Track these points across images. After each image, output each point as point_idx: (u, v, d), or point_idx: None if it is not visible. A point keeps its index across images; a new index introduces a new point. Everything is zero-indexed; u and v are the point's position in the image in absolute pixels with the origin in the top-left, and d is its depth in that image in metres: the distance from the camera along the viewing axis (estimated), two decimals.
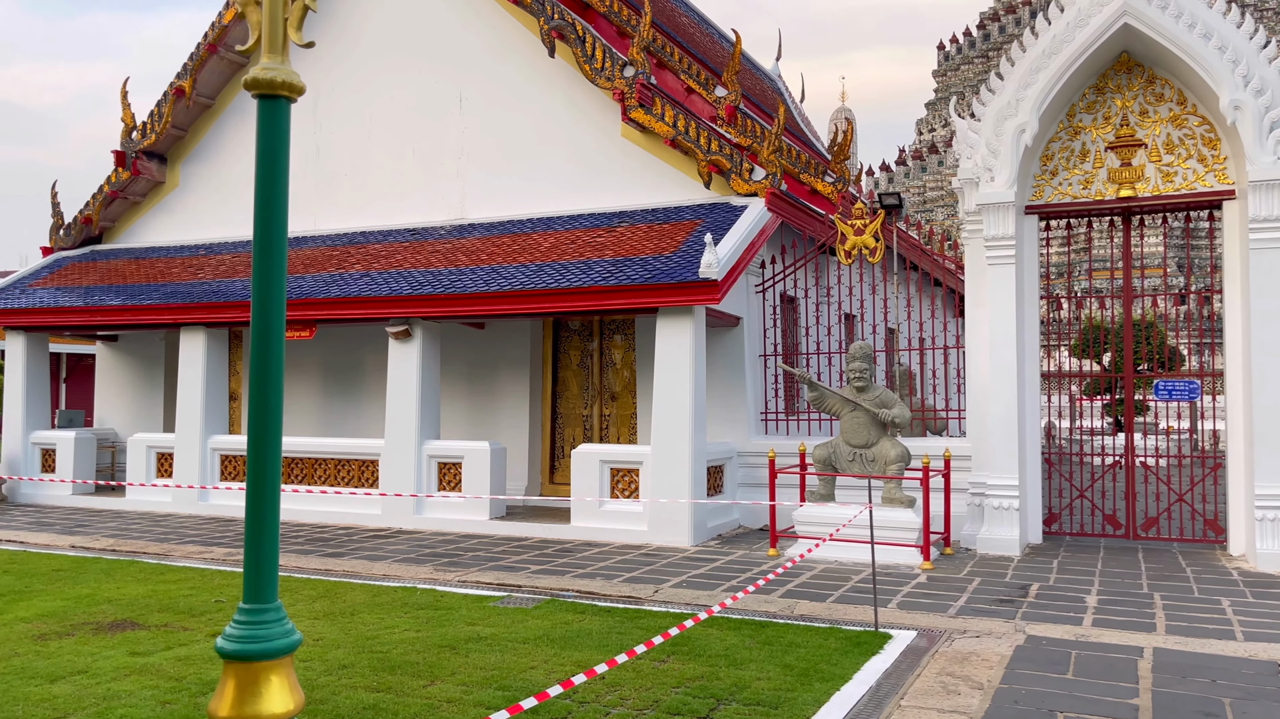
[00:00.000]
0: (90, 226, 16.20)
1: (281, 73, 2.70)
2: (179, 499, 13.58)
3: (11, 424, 14.96)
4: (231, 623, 2.61)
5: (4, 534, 11.57)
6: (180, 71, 15.11)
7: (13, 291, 15.21)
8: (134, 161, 15.50)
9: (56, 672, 5.88)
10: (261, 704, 2.48)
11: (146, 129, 15.47)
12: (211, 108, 15.61)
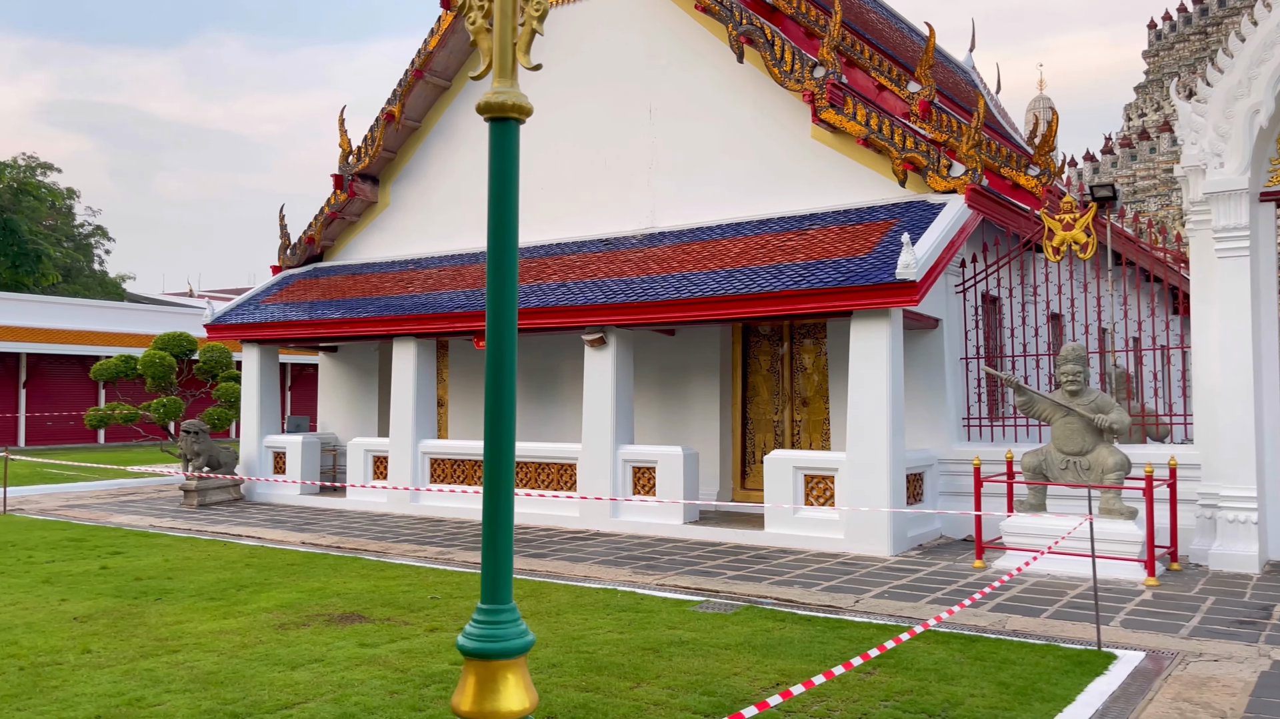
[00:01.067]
0: (313, 246, 17.50)
1: (511, 96, 2.83)
2: (393, 500, 14.44)
3: (248, 429, 16.36)
4: (471, 622, 2.75)
5: (244, 530, 12.65)
6: (390, 97, 16.11)
7: (248, 308, 16.64)
8: (350, 184, 16.64)
9: (296, 659, 6.37)
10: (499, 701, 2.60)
11: (361, 153, 16.58)
12: (418, 130, 16.54)
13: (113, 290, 47.54)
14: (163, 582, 9.13)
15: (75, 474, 20.39)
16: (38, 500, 16.42)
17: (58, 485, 18.34)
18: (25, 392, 29.45)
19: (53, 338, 29.26)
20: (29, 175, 41.67)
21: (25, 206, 40.16)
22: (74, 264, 45.46)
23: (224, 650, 6.59)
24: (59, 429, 30.06)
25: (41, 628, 7.28)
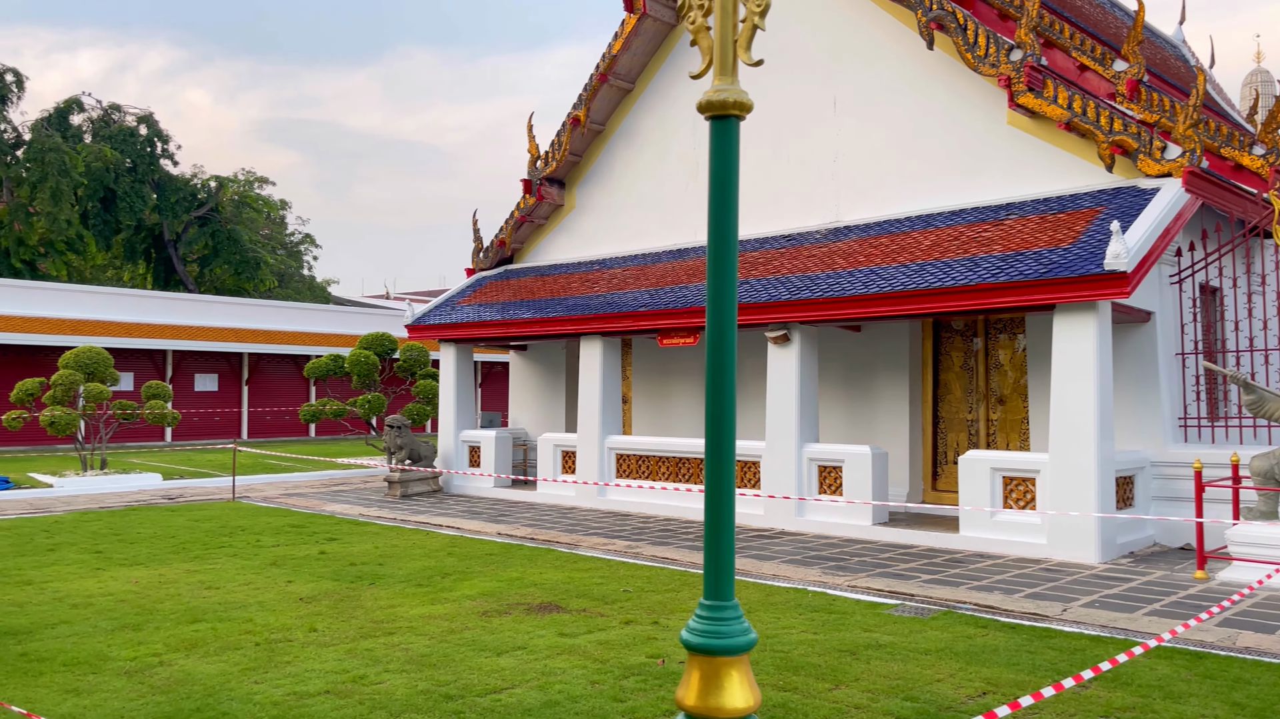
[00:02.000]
0: (504, 249, 18.19)
1: (732, 93, 2.84)
2: (581, 494, 14.82)
3: (445, 424, 17.18)
4: (694, 617, 2.79)
5: (444, 520, 13.30)
6: (576, 102, 16.53)
7: (445, 309, 17.47)
8: (538, 188, 17.19)
9: (501, 646, 6.64)
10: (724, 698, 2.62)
11: (548, 158, 17.09)
12: (602, 133, 16.90)
13: (320, 294, 51.01)
14: (375, 567, 9.71)
15: (291, 465, 22.01)
16: (261, 489, 17.82)
17: (277, 475, 19.84)
18: (247, 388, 32.03)
19: (270, 338, 31.68)
20: (248, 189, 45.30)
21: (245, 218, 43.67)
22: (287, 270, 49.06)
23: (434, 634, 6.95)
24: (276, 423, 32.52)
25: (272, 607, 7.90)
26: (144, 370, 29.15)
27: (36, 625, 7.27)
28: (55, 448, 26.16)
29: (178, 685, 5.76)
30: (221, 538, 11.71)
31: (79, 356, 18.36)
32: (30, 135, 34.70)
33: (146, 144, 38.53)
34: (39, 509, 14.76)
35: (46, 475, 18.45)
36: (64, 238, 35.84)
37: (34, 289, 28.40)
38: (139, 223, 39.06)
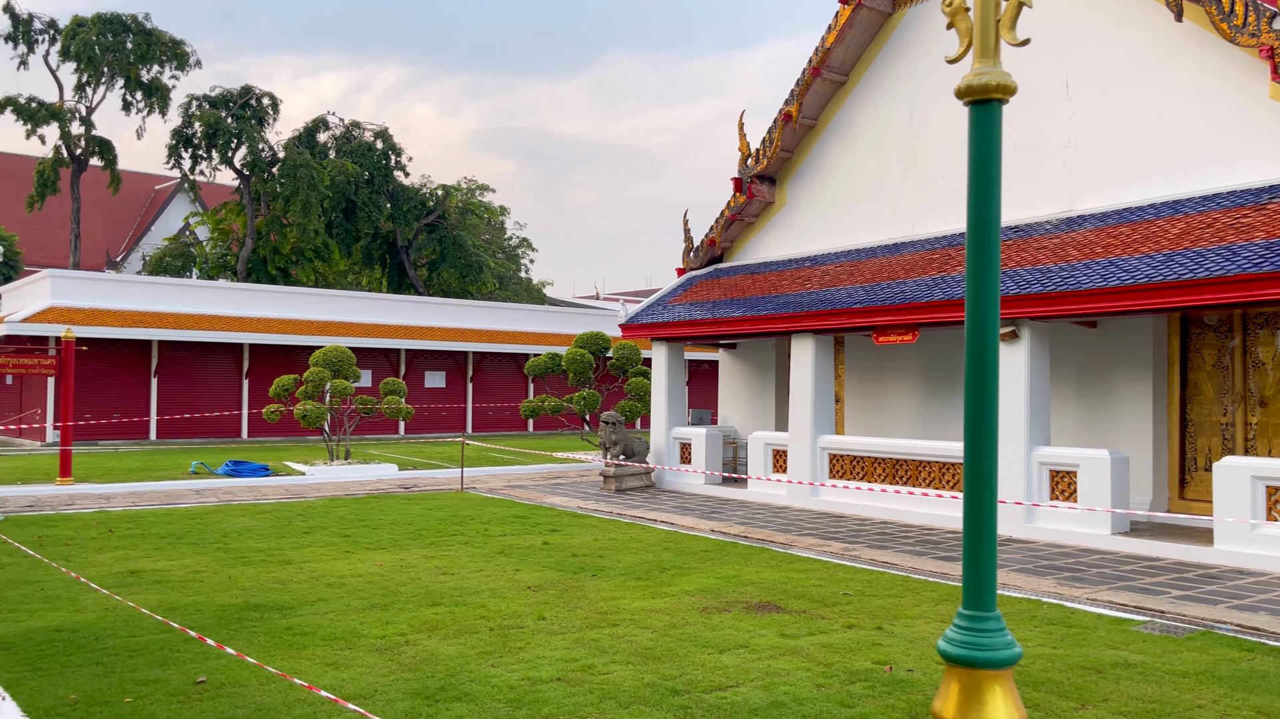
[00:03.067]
0: (714, 248, 18.29)
1: (995, 76, 2.71)
2: (792, 493, 14.68)
3: (657, 421, 17.47)
4: (952, 627, 2.68)
5: (658, 515, 13.52)
6: (787, 98, 16.38)
7: (656, 308, 17.76)
8: (749, 186, 17.16)
9: (722, 643, 6.67)
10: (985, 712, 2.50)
11: (759, 155, 17.03)
12: (814, 128, 16.65)
13: (536, 295, 53.14)
14: (595, 559, 10.00)
15: (512, 458, 23.04)
16: (486, 480, 18.76)
17: (499, 468, 20.82)
18: (471, 385, 33.84)
19: (492, 338, 33.32)
20: (470, 196, 47.82)
21: (469, 224, 46.12)
22: (506, 273, 51.42)
23: (656, 628, 7.06)
24: (497, 417, 34.17)
25: (503, 594, 8.29)
26: (380, 368, 31.35)
27: (298, 602, 7.95)
28: (305, 439, 28.58)
29: (423, 664, 6.15)
30: (453, 526, 12.41)
31: (327, 355, 19.97)
32: (284, 153, 38.08)
33: (382, 157, 41.42)
34: (294, 495, 16.16)
35: (299, 464, 20.18)
36: (312, 246, 39.09)
37: (288, 294, 31.15)
38: (375, 231, 42.05)
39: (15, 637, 6.76)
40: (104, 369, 26.41)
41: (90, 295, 26.82)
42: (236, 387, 29.10)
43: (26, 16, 35.92)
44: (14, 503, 14.39)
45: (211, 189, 47.78)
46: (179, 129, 36.99)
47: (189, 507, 14.30)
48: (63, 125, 35.85)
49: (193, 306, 28.39)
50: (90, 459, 21.19)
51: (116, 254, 51.63)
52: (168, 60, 36.80)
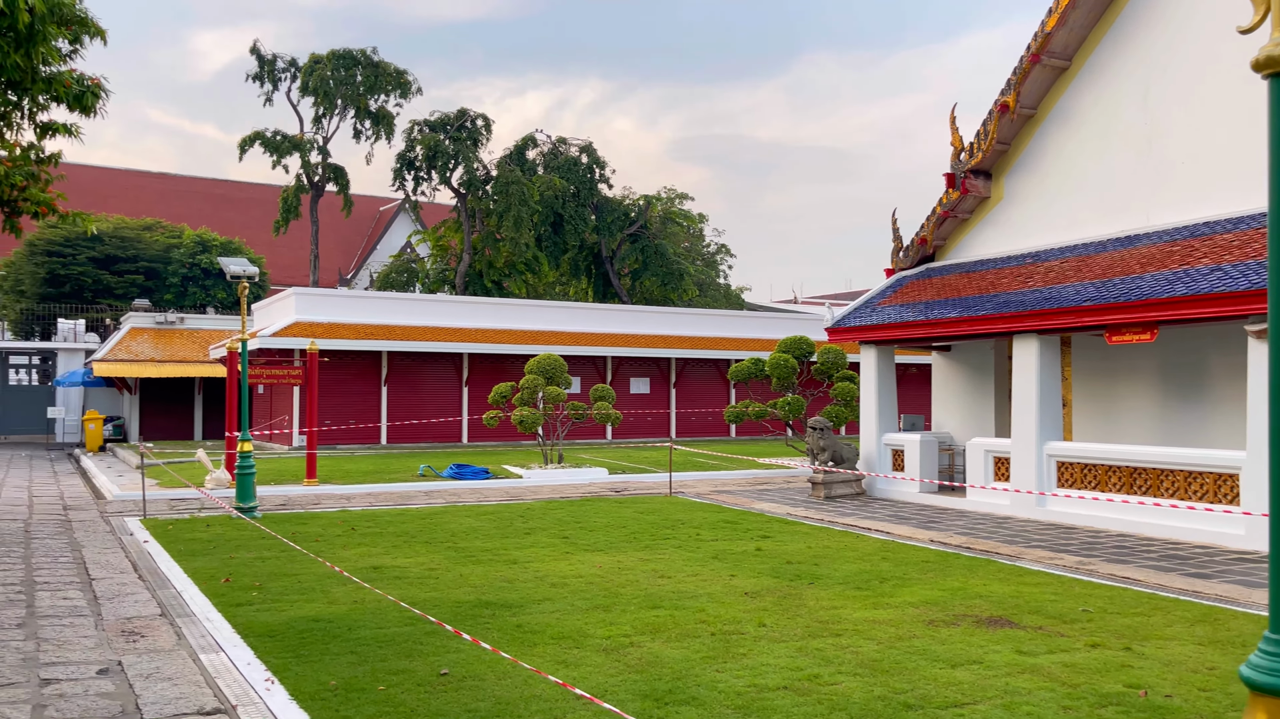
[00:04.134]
0: (924, 246, 17.68)
1: None
2: (1016, 503, 13.94)
3: (866, 427, 17.06)
4: (1258, 653, 2.45)
5: (871, 524, 13.18)
6: (1003, 87, 15.61)
7: (864, 311, 17.36)
8: (962, 181, 16.47)
9: (954, 658, 6.40)
10: None
11: (973, 149, 16.32)
12: (1033, 118, 15.79)
13: (735, 301, 53.19)
14: (810, 567, 9.86)
15: (717, 463, 23.13)
16: (693, 485, 18.92)
17: (705, 473, 20.95)
18: (675, 391, 34.25)
19: (694, 344, 33.61)
20: (670, 205, 48.50)
21: (669, 232, 46.80)
22: (705, 279, 51.77)
23: (881, 640, 6.88)
24: (700, 423, 34.41)
25: (720, 599, 8.31)
26: (588, 375, 32.27)
27: (525, 600, 8.28)
28: (520, 443, 29.83)
29: (649, 667, 6.25)
30: (665, 530, 12.58)
31: (540, 363, 20.75)
32: (496, 171, 39.99)
33: (587, 171, 42.71)
34: (513, 497, 16.87)
35: (516, 467, 21.07)
36: (523, 260, 40.81)
37: (502, 305, 32.63)
38: (581, 243, 43.40)
39: (280, 625, 7.40)
40: (341, 378, 28.56)
41: (329, 310, 29.09)
42: (457, 394, 30.74)
43: (271, 57, 39.47)
44: (269, 502, 15.78)
45: (431, 208, 50.77)
46: (402, 153, 39.54)
47: (420, 507, 15.20)
48: (303, 155, 39.15)
49: (417, 319, 30.23)
50: (331, 462, 22.95)
51: (347, 272, 55.82)
52: (392, 89, 39.45)
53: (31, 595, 8.60)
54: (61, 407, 34.63)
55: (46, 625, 7.47)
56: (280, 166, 39.33)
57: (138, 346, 33.29)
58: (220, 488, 16.81)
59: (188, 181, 56.48)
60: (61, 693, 5.78)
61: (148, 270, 40.11)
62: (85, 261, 38.69)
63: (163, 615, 7.81)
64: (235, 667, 6.28)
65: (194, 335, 34.69)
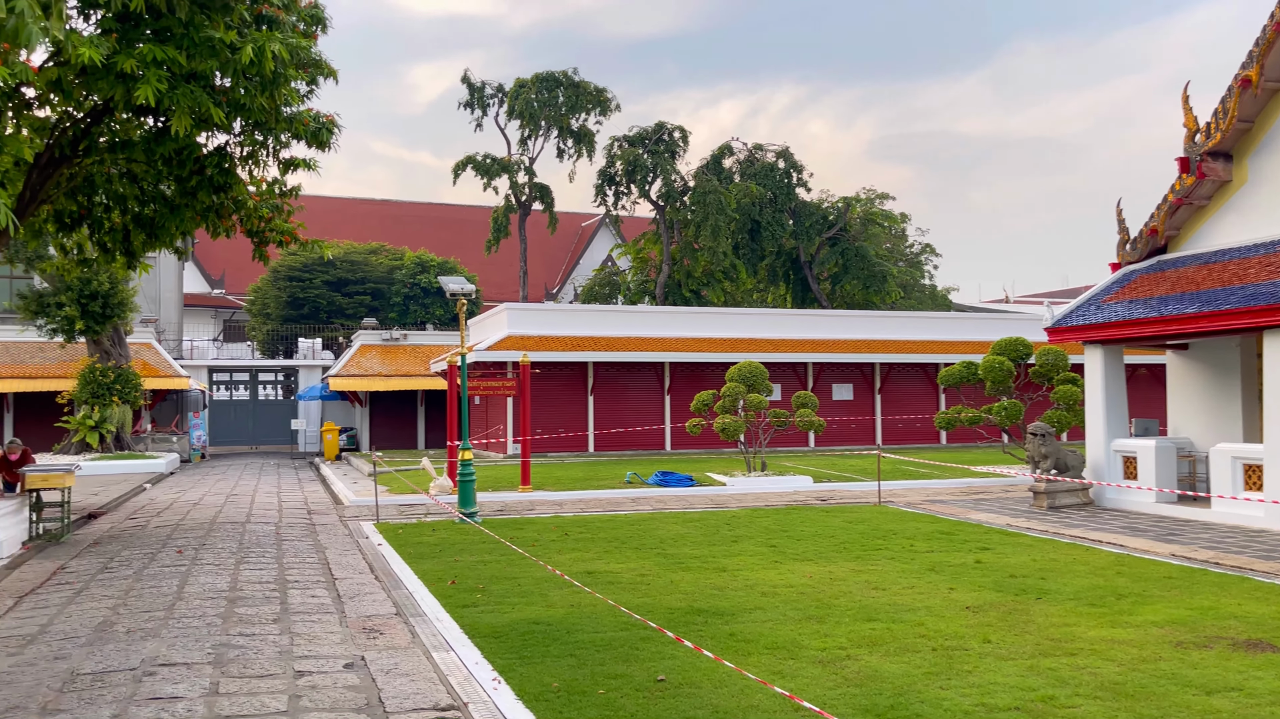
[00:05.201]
0: (1155, 238, 16.38)
1: None
2: (1272, 515, 12.65)
3: (1093, 432, 15.96)
4: None
5: (1102, 536, 12.31)
6: (1244, 61, 14.27)
7: (1088, 308, 16.27)
8: (1198, 165, 15.16)
9: (1208, 683, 5.86)
10: None
11: (1209, 129, 14.99)
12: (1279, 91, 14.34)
13: (941, 302, 51.26)
14: (1036, 581, 9.32)
15: (928, 471, 22.31)
16: (902, 494, 18.32)
17: (915, 481, 20.24)
18: (879, 397, 33.35)
19: (899, 348, 32.61)
20: (870, 206, 47.35)
21: (870, 234, 45.69)
22: (909, 281, 50.20)
23: (1122, 661, 6.39)
24: (907, 430, 33.32)
25: (940, 613, 7.99)
26: (789, 382, 31.94)
27: (736, 609, 8.26)
28: (722, 451, 29.89)
29: (867, 681, 6.08)
30: (876, 540, 12.23)
31: (741, 371, 20.72)
32: (693, 182, 40.38)
33: (784, 176, 42.40)
34: (717, 505, 16.91)
35: (719, 475, 21.12)
36: (721, 268, 40.97)
37: (701, 314, 32.85)
38: (779, 249, 43.09)
39: (503, 627, 7.72)
40: (550, 389, 29.61)
41: (538, 324, 30.26)
42: (659, 402, 31.20)
43: (480, 85, 41.56)
44: (488, 507, 16.54)
45: (631, 221, 51.85)
46: (603, 169, 40.63)
47: (628, 513, 15.50)
48: (511, 176, 40.98)
49: (620, 330, 30.93)
50: (543, 469, 23.81)
51: (553, 286, 57.89)
52: (592, 108, 40.65)
53: (284, 593, 9.38)
54: (302, 419, 37.71)
55: (298, 621, 8.12)
56: (490, 188, 41.32)
57: (367, 362, 35.83)
58: (443, 494, 17.78)
59: (407, 207, 60.37)
60: (314, 684, 6.26)
61: (374, 291, 43.10)
62: (321, 285, 42.07)
63: (398, 614, 8.33)
64: (465, 665, 6.60)
65: (416, 351, 36.96)
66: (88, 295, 27.71)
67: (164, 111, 11.69)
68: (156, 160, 12.99)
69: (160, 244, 15.00)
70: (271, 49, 11.14)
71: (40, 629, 7.92)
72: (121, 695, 6.03)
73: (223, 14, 11.52)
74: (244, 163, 13.84)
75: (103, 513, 16.69)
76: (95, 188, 14.10)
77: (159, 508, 17.58)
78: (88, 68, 10.51)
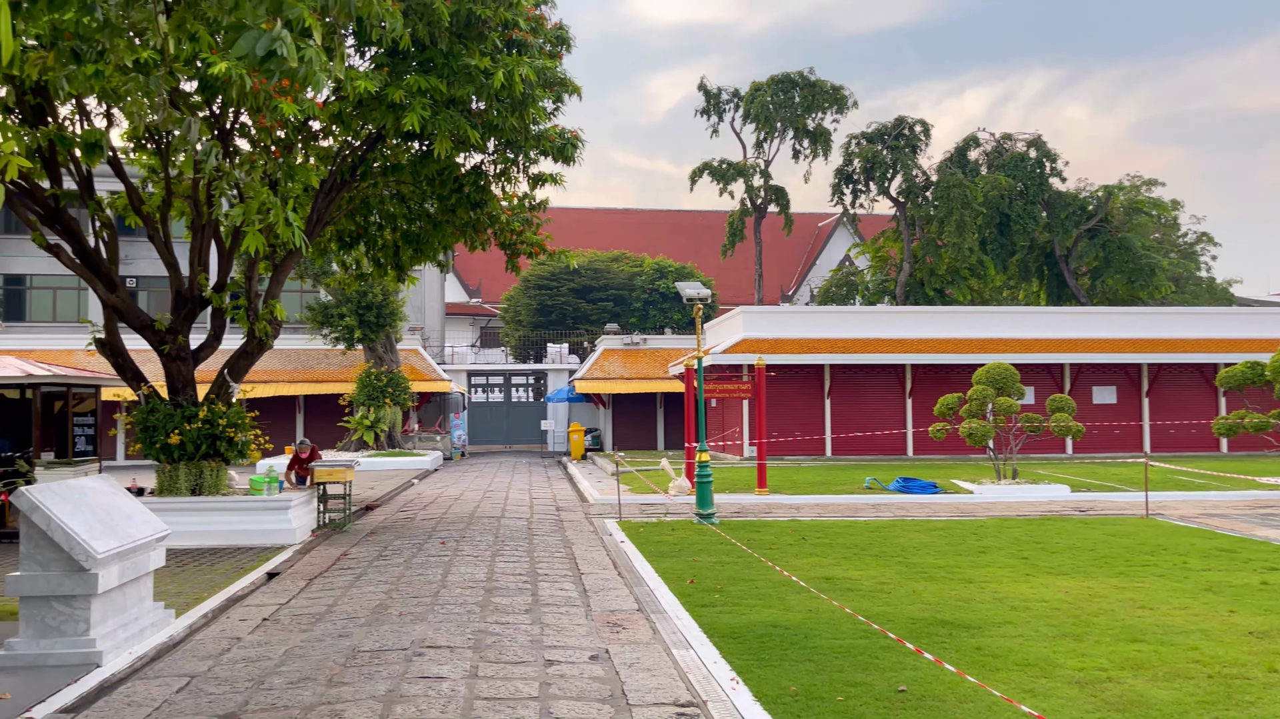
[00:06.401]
0: None
1: None
2: None
3: None
4: None
5: None
6: None
7: None
8: None
9: None
10: None
11: None
12: None
13: (1221, 296, 46.51)
14: None
15: (1204, 483, 20.32)
16: (1174, 506, 16.80)
17: (1189, 493, 18.50)
18: (1147, 400, 30.73)
19: (1170, 347, 29.91)
20: (1136, 194, 43.71)
21: (1136, 224, 42.20)
22: (1182, 274, 45.90)
23: None
24: (1181, 436, 30.49)
25: (1217, 637, 7.29)
26: (1043, 384, 30.09)
27: (983, 622, 7.91)
28: (969, 457, 28.59)
29: (1131, 706, 5.66)
30: (1142, 555, 11.31)
31: (990, 373, 19.75)
32: (936, 176, 38.93)
33: (1035, 166, 40.00)
34: (963, 513, 16.21)
35: (966, 482, 20.23)
36: (967, 265, 39.21)
37: (945, 314, 31.62)
38: (1031, 243, 40.68)
39: (740, 628, 7.80)
40: (785, 392, 29.48)
41: (773, 327, 30.22)
42: (900, 405, 30.28)
43: (716, 91, 42.08)
44: (725, 509, 16.71)
45: (869, 220, 50.67)
46: (840, 168, 40.00)
47: (867, 520, 15.18)
48: (746, 180, 41.21)
49: (857, 331, 30.30)
50: (778, 472, 23.76)
51: (789, 288, 57.56)
52: (829, 106, 40.16)
53: (535, 585, 9.93)
54: (551, 420, 39.63)
55: (548, 613, 8.58)
56: (726, 193, 41.74)
57: (609, 366, 37.17)
58: (681, 494, 18.14)
59: (646, 214, 62.04)
60: (562, 674, 6.61)
61: (616, 297, 44.64)
62: (567, 292, 44.11)
63: (639, 610, 8.61)
64: (703, 664, 6.74)
65: (654, 354, 37.93)
66: (364, 306, 30.48)
67: (427, 136, 12.69)
68: (421, 181, 14.13)
69: (425, 258, 16.30)
70: (520, 72, 11.84)
71: (327, 609, 8.83)
72: (395, 673, 6.62)
73: (478, 42, 12.37)
74: (497, 180, 14.79)
75: (377, 505, 18.33)
76: (370, 209, 15.53)
77: (425, 502, 19.07)
78: (363, 100, 11.61)
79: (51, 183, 12.45)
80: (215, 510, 13.18)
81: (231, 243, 13.64)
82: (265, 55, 5.03)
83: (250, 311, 13.75)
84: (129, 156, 14.16)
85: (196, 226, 13.50)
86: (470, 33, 12.42)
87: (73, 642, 6.92)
